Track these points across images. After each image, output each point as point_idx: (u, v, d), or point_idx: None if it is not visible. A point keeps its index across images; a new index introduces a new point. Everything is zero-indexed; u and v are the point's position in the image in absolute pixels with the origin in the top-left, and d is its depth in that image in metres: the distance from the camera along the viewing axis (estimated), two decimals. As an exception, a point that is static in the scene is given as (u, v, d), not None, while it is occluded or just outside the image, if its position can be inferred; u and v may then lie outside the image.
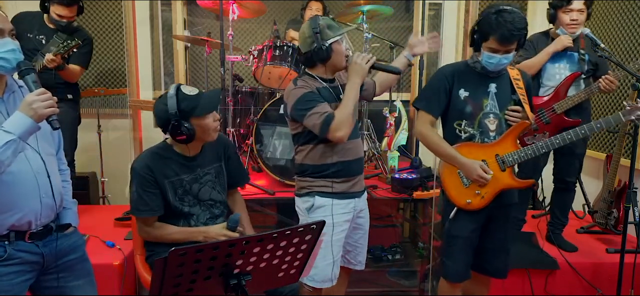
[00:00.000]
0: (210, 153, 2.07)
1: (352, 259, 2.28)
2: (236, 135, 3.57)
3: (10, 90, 1.57)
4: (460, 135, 2.10)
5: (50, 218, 1.63)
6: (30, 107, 1.41)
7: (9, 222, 1.52)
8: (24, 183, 1.53)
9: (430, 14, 4.25)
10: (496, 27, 1.91)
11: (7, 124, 1.41)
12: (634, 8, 3.29)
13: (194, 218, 2.01)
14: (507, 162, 2.07)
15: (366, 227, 2.28)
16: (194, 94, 1.89)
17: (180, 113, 1.85)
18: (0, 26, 1.48)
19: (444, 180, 2.15)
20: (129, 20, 2.96)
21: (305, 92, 1.99)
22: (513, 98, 2.13)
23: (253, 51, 3.54)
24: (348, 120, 1.96)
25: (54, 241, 1.64)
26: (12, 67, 1.49)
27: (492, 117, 2.09)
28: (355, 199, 2.15)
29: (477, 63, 2.09)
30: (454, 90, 2.09)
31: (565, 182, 2.92)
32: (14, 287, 1.56)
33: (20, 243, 1.57)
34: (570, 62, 2.77)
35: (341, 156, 2.07)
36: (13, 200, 1.51)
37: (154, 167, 1.92)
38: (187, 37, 3.84)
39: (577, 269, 2.69)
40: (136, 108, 3.05)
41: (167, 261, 1.17)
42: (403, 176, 3.13)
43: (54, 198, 1.61)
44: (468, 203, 2.09)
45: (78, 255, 1.75)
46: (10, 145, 1.39)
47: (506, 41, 1.93)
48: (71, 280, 1.71)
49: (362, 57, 2.02)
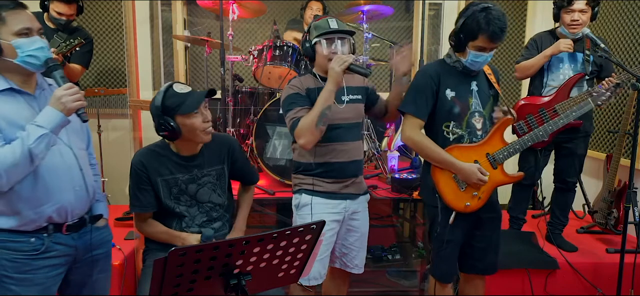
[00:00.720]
0: (211, 155, 2.04)
1: (348, 262, 2.25)
2: (236, 135, 3.57)
3: (40, 88, 1.64)
4: (448, 137, 2.05)
5: (84, 210, 1.71)
6: (60, 101, 1.50)
7: (46, 213, 1.58)
8: (57, 176, 1.59)
9: (430, 14, 4.25)
10: (486, 25, 1.88)
11: (39, 119, 1.49)
12: (634, 8, 3.29)
13: (188, 219, 2.00)
14: (498, 159, 2.06)
15: (362, 230, 2.24)
16: (182, 92, 1.86)
17: (165, 109, 1.85)
18: (29, 25, 1.53)
19: (439, 185, 2.07)
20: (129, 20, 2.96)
21: (290, 93, 2.03)
22: (491, 93, 2.12)
23: (253, 51, 3.55)
24: (310, 128, 1.92)
25: (88, 233, 1.72)
26: (41, 64, 1.55)
27: (478, 115, 2.06)
28: (346, 201, 2.14)
29: (457, 62, 2.05)
30: (441, 90, 2.03)
31: (565, 182, 2.91)
32: (48, 280, 1.62)
33: (58, 236, 1.63)
34: (574, 63, 2.77)
35: (332, 157, 2.08)
36: (49, 193, 1.57)
37: (148, 164, 1.94)
38: (187, 37, 3.84)
39: (577, 269, 2.69)
40: (136, 108, 3.05)
41: (167, 261, 1.17)
42: (403, 176, 3.13)
43: (87, 190, 1.68)
44: (467, 206, 2.06)
45: (105, 250, 1.83)
46: (43, 138, 1.47)
47: (496, 39, 1.91)
48: (94, 273, 1.78)
49: (337, 61, 1.94)
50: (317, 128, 1.92)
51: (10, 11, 1.51)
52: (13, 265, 1.56)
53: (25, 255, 1.58)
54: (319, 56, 2.06)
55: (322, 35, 2.04)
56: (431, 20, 4.23)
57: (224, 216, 2.10)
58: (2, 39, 1.49)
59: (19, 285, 1.57)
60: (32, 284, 1.59)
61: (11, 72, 1.54)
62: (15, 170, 1.46)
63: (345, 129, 2.10)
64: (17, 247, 1.57)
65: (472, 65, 2.01)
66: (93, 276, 1.78)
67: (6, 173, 1.45)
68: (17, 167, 1.46)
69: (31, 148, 1.45)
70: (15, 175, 1.48)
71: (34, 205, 1.56)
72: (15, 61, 1.51)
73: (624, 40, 3.37)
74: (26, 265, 1.58)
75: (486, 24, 1.88)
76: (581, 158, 2.90)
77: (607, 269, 2.69)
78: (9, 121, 1.50)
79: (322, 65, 2.07)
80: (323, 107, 1.92)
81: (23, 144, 1.45)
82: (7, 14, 1.50)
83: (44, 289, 1.61)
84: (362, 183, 2.24)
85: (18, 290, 1.58)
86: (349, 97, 2.12)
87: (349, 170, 2.13)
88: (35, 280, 1.59)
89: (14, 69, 1.54)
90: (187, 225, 2.01)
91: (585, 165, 2.97)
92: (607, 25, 3.56)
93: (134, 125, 3.12)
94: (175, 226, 2.00)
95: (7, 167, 1.44)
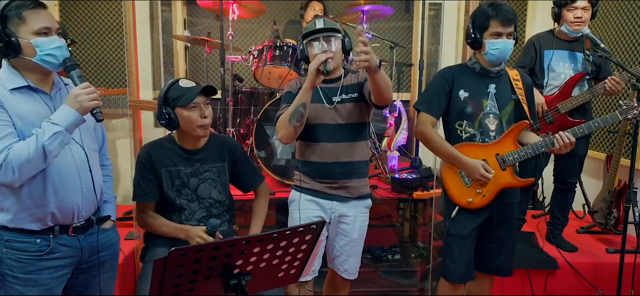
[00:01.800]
0: (214, 151, 2.10)
1: (338, 266, 2.21)
2: (236, 135, 3.57)
3: (57, 87, 1.65)
4: (461, 135, 2.13)
5: (90, 211, 1.71)
6: (76, 100, 1.51)
7: (51, 210, 1.58)
8: (67, 175, 1.60)
9: (430, 14, 4.25)
10: (495, 11, 2.00)
11: (54, 116, 1.50)
12: (634, 8, 3.29)
13: (187, 213, 2.04)
14: (508, 161, 2.08)
15: (352, 236, 2.16)
16: (185, 86, 1.96)
17: (166, 100, 1.95)
18: (48, 25, 1.54)
19: (445, 179, 2.16)
20: (129, 20, 2.95)
21: (284, 92, 2.14)
22: (513, 98, 2.14)
23: (253, 51, 3.55)
24: (283, 123, 2.00)
25: (95, 234, 1.73)
26: (59, 63, 1.56)
27: (492, 117, 2.11)
28: (333, 202, 2.12)
29: (476, 64, 2.12)
30: (454, 91, 2.12)
31: (566, 182, 2.92)
32: (52, 281, 1.63)
33: (64, 237, 1.64)
34: (574, 62, 2.77)
35: (316, 156, 2.10)
36: (56, 193, 1.58)
37: (154, 154, 2.02)
38: (187, 37, 3.85)
39: (577, 269, 2.69)
40: (136, 108, 3.05)
41: (167, 261, 1.18)
42: (403, 176, 3.13)
43: (95, 192, 1.69)
44: (469, 202, 2.10)
45: (111, 252, 1.84)
46: (57, 136, 1.48)
47: (508, 21, 2.00)
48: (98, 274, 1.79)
49: (315, 61, 1.90)
50: (290, 124, 1.97)
51: (31, 10, 1.52)
52: (18, 265, 1.57)
53: (31, 255, 1.58)
54: (310, 57, 2.07)
55: (308, 36, 2.06)
56: (431, 20, 4.23)
57: (224, 215, 2.12)
58: (22, 38, 1.51)
59: (24, 285, 1.58)
60: (36, 284, 1.59)
61: (29, 70, 1.56)
62: (29, 165, 1.47)
63: (333, 130, 2.07)
64: (22, 247, 1.58)
65: (492, 57, 2.06)
66: (97, 277, 1.78)
67: (19, 168, 1.46)
68: (30, 163, 1.47)
69: (45, 144, 1.46)
70: (28, 171, 1.49)
71: (41, 203, 1.56)
72: (34, 60, 1.53)
73: (624, 40, 3.37)
74: (31, 266, 1.58)
75: (494, 9, 2.00)
76: (582, 158, 2.90)
77: (607, 269, 2.69)
78: (24, 118, 1.52)
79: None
80: (297, 105, 1.97)
81: (37, 141, 1.46)
82: (27, 13, 1.51)
83: (48, 290, 1.62)
84: (359, 188, 2.14)
85: (22, 290, 1.58)
86: (341, 97, 2.09)
87: (336, 171, 2.08)
88: (40, 280, 1.60)
89: (32, 67, 1.55)
90: (186, 219, 2.04)
91: (585, 165, 2.97)
92: (607, 25, 3.56)
93: (134, 125, 3.11)
94: (175, 219, 2.04)
95: (20, 163, 1.45)
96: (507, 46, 2.03)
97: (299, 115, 1.96)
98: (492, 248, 2.19)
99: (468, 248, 2.14)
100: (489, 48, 2.04)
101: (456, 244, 2.13)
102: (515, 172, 2.13)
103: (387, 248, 3.44)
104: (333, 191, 2.12)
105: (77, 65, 1.57)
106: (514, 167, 2.12)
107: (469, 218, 2.13)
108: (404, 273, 3.30)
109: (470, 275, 2.18)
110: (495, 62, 2.08)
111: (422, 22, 3.92)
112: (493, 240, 2.18)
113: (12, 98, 1.52)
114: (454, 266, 2.15)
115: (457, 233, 2.13)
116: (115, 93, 4.09)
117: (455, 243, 2.13)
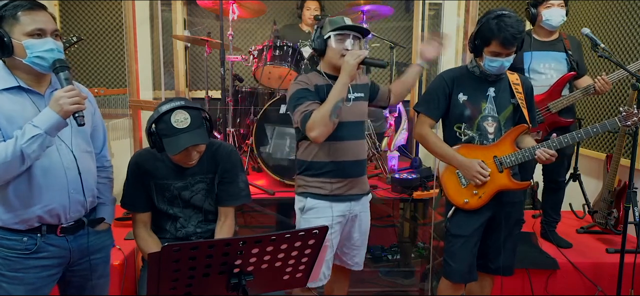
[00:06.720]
0: (207, 161, 1.99)
1: (348, 260, 2.25)
2: (236, 135, 3.57)
3: (52, 88, 1.63)
4: (460, 137, 2.15)
5: (80, 213, 1.69)
6: (57, 103, 1.48)
7: (37, 213, 1.57)
8: (52, 176, 1.58)
9: (430, 14, 4.25)
10: (498, 31, 1.96)
11: (36, 119, 1.47)
12: (634, 8, 3.29)
13: (182, 220, 2.00)
14: (505, 164, 2.09)
15: (364, 229, 2.25)
16: (175, 126, 1.76)
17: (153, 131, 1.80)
18: (42, 26, 1.53)
19: (443, 180, 2.18)
20: (129, 20, 2.96)
21: (298, 88, 2.01)
22: (512, 102, 2.15)
23: (253, 51, 3.55)
24: (323, 120, 1.89)
25: (85, 236, 1.71)
26: (48, 65, 1.54)
27: (491, 120, 2.12)
28: (350, 202, 2.13)
29: (476, 68, 2.13)
30: (454, 94, 2.14)
31: (556, 181, 2.95)
32: (39, 281, 1.62)
33: (51, 237, 1.62)
34: (557, 62, 2.78)
35: (336, 156, 2.06)
36: (41, 193, 1.57)
37: (144, 166, 1.95)
38: (187, 37, 3.85)
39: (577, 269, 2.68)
40: (136, 109, 3.05)
41: (161, 256, 1.18)
42: (403, 176, 3.13)
43: (84, 194, 1.66)
44: (465, 202, 2.12)
45: (103, 255, 1.82)
46: (36, 139, 1.45)
47: (508, 44, 1.97)
48: (93, 278, 1.77)
49: (351, 55, 1.95)
50: (330, 120, 1.90)
51: (26, 11, 1.51)
52: (5, 262, 1.57)
53: (18, 253, 1.58)
54: (330, 50, 2.03)
55: (337, 31, 2.02)
56: (431, 20, 4.23)
57: None
58: (14, 39, 1.50)
59: (10, 283, 1.57)
60: (23, 283, 1.59)
61: (22, 70, 1.55)
62: (6, 168, 1.46)
63: (350, 127, 2.09)
64: (9, 245, 1.57)
65: (489, 70, 2.07)
66: (92, 280, 1.77)
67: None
68: (7, 165, 1.45)
69: (23, 147, 1.44)
70: (6, 173, 1.48)
71: (26, 204, 1.55)
72: (25, 61, 1.52)
73: (624, 40, 3.37)
74: (18, 264, 1.58)
75: (498, 30, 1.96)
76: (570, 157, 2.97)
77: (607, 269, 2.69)
78: (10, 119, 1.51)
79: (333, 60, 2.04)
80: (337, 99, 1.91)
81: (16, 143, 1.45)
82: (22, 14, 1.50)
83: (35, 289, 1.61)
84: (366, 183, 2.23)
85: (8, 288, 1.57)
86: (355, 96, 2.11)
87: (355, 169, 2.12)
88: (26, 279, 1.59)
89: (24, 68, 1.54)
90: (182, 226, 2.00)
91: (585, 165, 2.97)
92: (607, 25, 3.55)
93: (133, 125, 3.12)
94: (169, 227, 2.00)
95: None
96: (505, 65, 2.04)
97: (338, 111, 1.93)
98: (494, 248, 2.19)
99: (471, 248, 2.14)
100: (486, 62, 2.06)
101: (459, 244, 2.13)
102: (514, 175, 2.13)
103: (387, 248, 3.44)
104: (350, 191, 2.12)
105: (67, 67, 1.54)
106: (513, 169, 2.12)
107: (471, 218, 2.13)
108: (404, 273, 3.30)
109: (472, 276, 2.18)
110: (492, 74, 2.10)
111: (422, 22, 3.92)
112: (495, 240, 2.19)
113: (1, 99, 1.51)
114: (456, 265, 2.15)
115: (460, 233, 2.13)
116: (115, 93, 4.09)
117: (458, 243, 2.13)
